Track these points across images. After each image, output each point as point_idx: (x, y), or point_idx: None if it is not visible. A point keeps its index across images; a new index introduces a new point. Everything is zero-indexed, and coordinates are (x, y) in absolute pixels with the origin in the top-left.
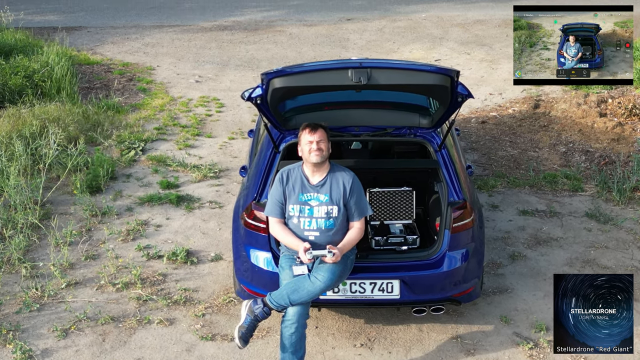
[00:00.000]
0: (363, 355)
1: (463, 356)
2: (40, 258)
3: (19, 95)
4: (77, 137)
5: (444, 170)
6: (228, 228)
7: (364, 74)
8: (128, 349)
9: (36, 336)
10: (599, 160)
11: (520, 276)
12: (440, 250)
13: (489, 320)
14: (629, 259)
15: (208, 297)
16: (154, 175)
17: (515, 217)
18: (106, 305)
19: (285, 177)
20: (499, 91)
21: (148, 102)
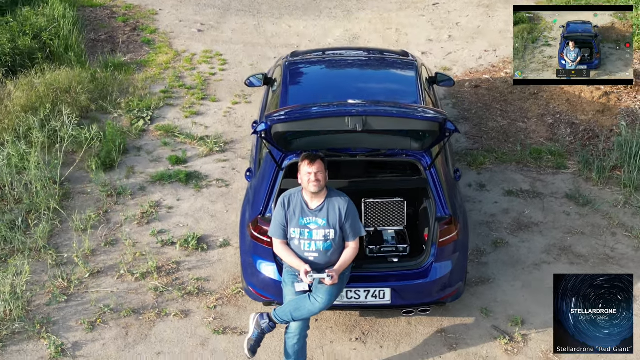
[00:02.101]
0: (358, 349)
1: (446, 350)
2: (63, 244)
3: (29, 59)
4: (88, 107)
5: (432, 188)
6: (235, 210)
7: (360, 121)
8: (149, 343)
9: (66, 329)
10: (584, 135)
11: (502, 265)
12: (427, 261)
13: (470, 313)
14: (602, 246)
15: (219, 287)
16: (163, 148)
17: (501, 198)
18: (127, 295)
19: (286, 202)
20: (493, 47)
21: (153, 58)
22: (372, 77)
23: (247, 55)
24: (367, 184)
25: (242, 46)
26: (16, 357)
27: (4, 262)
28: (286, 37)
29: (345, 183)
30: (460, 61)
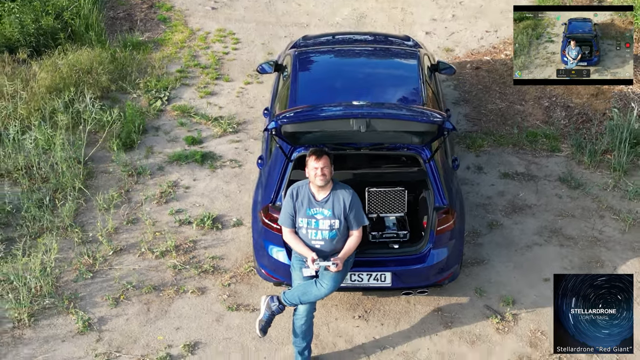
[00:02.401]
0: (360, 326)
1: (442, 328)
2: (88, 222)
3: (52, 39)
4: (108, 87)
5: (431, 179)
6: (247, 190)
7: (364, 123)
8: (169, 318)
9: (92, 304)
10: (577, 118)
11: (496, 246)
12: (426, 247)
13: (465, 292)
14: (590, 228)
15: (232, 265)
16: (179, 128)
17: (497, 180)
18: (147, 272)
19: (295, 194)
20: (495, 27)
21: (169, 36)
22: (376, 68)
23: (259, 35)
24: (370, 174)
25: (254, 25)
26: (47, 331)
27: (34, 239)
28: (296, 15)
29: (350, 174)
30: (462, 42)
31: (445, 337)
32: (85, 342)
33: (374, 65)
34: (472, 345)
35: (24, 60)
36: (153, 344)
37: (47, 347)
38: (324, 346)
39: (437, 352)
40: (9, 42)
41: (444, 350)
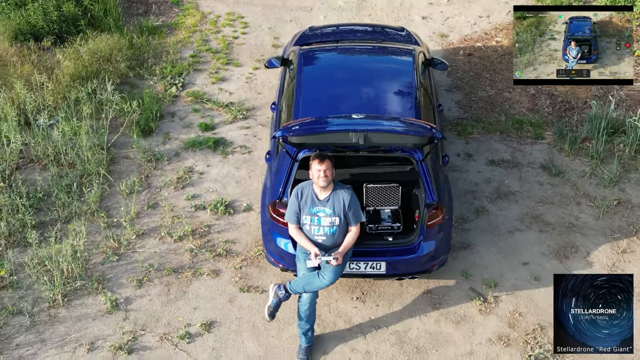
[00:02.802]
0: (358, 307)
1: (431, 309)
2: (112, 207)
3: (74, 25)
4: (127, 74)
5: (423, 178)
6: (256, 176)
7: (362, 136)
8: (187, 299)
9: (118, 285)
10: (561, 106)
11: (481, 231)
12: (417, 239)
13: (453, 275)
14: (568, 215)
15: (243, 249)
16: (193, 114)
17: (484, 167)
18: (167, 255)
19: (300, 193)
20: (487, 13)
21: (182, 20)
22: (375, 66)
23: (266, 19)
24: (368, 172)
25: (262, 8)
26: (79, 310)
27: (64, 223)
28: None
29: (349, 172)
30: (456, 27)
31: (433, 318)
32: (113, 320)
33: (373, 63)
34: (457, 325)
35: (48, 48)
36: (174, 323)
37: (80, 325)
38: (325, 326)
39: (426, 332)
40: (34, 30)
41: (432, 330)
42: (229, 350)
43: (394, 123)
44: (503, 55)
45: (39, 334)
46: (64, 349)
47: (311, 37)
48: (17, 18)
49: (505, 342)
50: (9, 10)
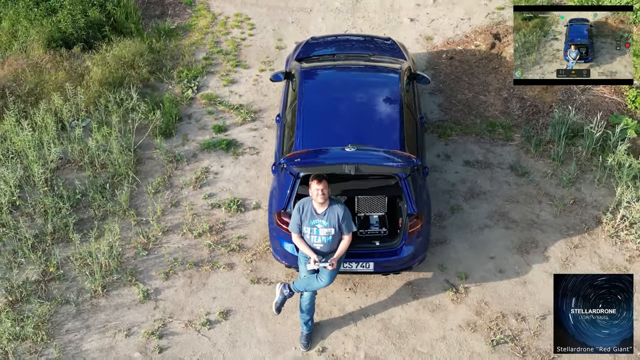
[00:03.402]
0: (350, 297)
1: (411, 299)
2: (140, 205)
3: (99, 31)
4: (148, 79)
5: (405, 193)
6: (264, 176)
7: (353, 168)
8: (207, 290)
9: (148, 278)
10: (529, 110)
11: (456, 228)
12: (400, 243)
13: (430, 268)
14: (530, 213)
15: (253, 244)
16: (207, 116)
17: (460, 168)
18: (189, 250)
19: (301, 208)
20: (468, 15)
21: (195, 22)
22: (366, 88)
23: (270, 20)
24: (359, 186)
25: (266, 9)
26: (116, 300)
27: (100, 221)
28: (301, 1)
29: (344, 185)
30: (440, 29)
31: (413, 307)
32: (145, 309)
33: (364, 85)
34: (432, 313)
35: (77, 55)
36: (196, 311)
37: (118, 314)
38: (323, 314)
39: (407, 319)
40: (64, 36)
41: (412, 317)
42: (242, 335)
43: (380, 156)
44: (481, 60)
45: (83, 321)
46: (106, 334)
47: (311, 50)
48: (48, 25)
49: (472, 328)
50: (41, 17)
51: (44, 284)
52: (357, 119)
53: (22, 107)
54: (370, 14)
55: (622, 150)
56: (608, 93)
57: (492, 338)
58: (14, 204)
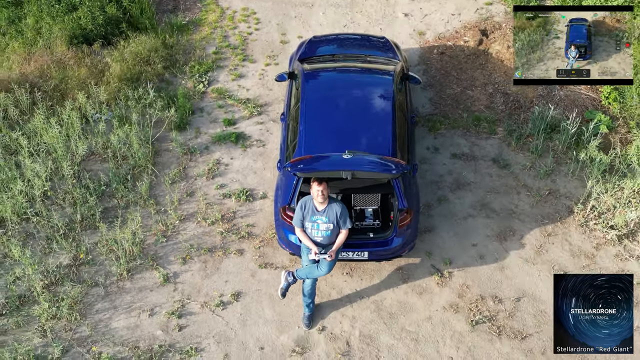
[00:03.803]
0: (347, 281)
1: (401, 282)
2: (159, 195)
3: (117, 27)
4: (163, 74)
5: (396, 192)
6: (269, 168)
7: (349, 174)
8: (220, 274)
9: (168, 262)
10: (512, 104)
11: (443, 217)
12: (391, 235)
13: (419, 254)
14: (509, 203)
15: (261, 231)
16: (218, 110)
17: (448, 160)
18: (203, 237)
19: (303, 205)
20: (459, 10)
21: (205, 16)
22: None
23: (274, 14)
24: (355, 184)
25: (271, 4)
26: (140, 283)
27: (124, 209)
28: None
29: (342, 184)
30: (432, 24)
31: (403, 290)
32: (165, 291)
33: (360, 84)
34: (420, 295)
35: (97, 52)
36: (211, 293)
37: (141, 295)
38: (322, 296)
39: (397, 301)
40: (84, 32)
41: (401, 299)
42: (252, 315)
43: (374, 162)
44: (469, 55)
45: (111, 302)
46: (131, 314)
47: (313, 49)
48: (70, 22)
49: (455, 309)
50: (63, 14)
51: (75, 268)
52: (353, 125)
53: (49, 105)
54: (367, 9)
55: (594, 145)
56: (585, 90)
57: (471, 318)
58: (46, 194)
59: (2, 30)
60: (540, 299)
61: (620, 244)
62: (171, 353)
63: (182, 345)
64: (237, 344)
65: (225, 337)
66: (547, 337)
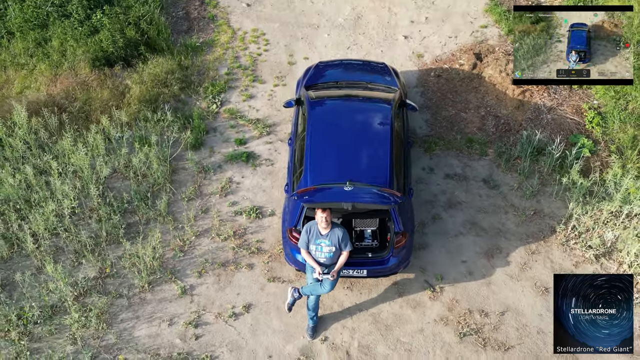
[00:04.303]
0: (348, 295)
1: (396, 296)
2: (176, 212)
3: (135, 49)
4: (179, 95)
5: (393, 217)
6: (277, 187)
7: (350, 205)
8: (232, 287)
9: (185, 276)
10: (502, 127)
11: (436, 235)
12: (387, 255)
13: (413, 270)
14: (497, 222)
15: (269, 247)
16: (230, 130)
17: (442, 180)
18: (217, 252)
19: (309, 230)
20: (455, 33)
21: (217, 37)
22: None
23: (282, 35)
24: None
25: (279, 25)
26: (160, 295)
27: (145, 225)
28: (309, 15)
29: (344, 210)
30: (430, 47)
31: (398, 303)
32: (183, 303)
33: (361, 114)
34: (414, 309)
35: (118, 74)
36: (224, 305)
37: (161, 307)
38: (325, 309)
39: (392, 314)
40: (106, 55)
41: (396, 312)
42: (261, 326)
43: (372, 195)
44: (463, 79)
45: (134, 312)
46: (152, 323)
47: (319, 76)
48: (92, 44)
49: (445, 322)
50: (85, 36)
51: (101, 280)
52: (354, 154)
53: (75, 128)
54: (369, 31)
55: (575, 170)
56: (570, 113)
57: (460, 331)
58: (74, 211)
59: (30, 52)
60: (523, 313)
61: (597, 262)
62: None
63: (198, 353)
64: (247, 353)
65: (237, 345)
66: (527, 349)
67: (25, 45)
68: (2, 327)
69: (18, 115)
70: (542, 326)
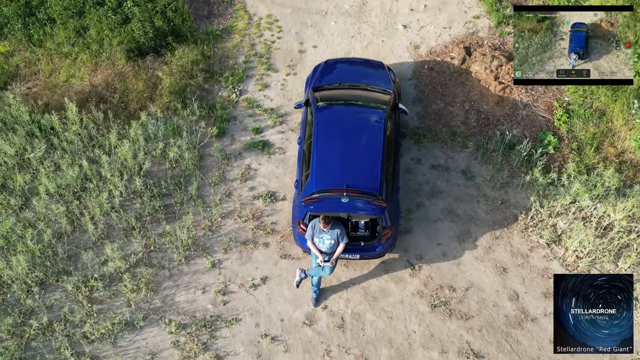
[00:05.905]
0: (344, 271)
1: (384, 273)
2: (204, 195)
3: (163, 39)
4: (203, 85)
5: (382, 217)
6: (289, 173)
7: (346, 215)
8: (251, 262)
9: (213, 252)
10: (483, 122)
11: (419, 221)
12: (376, 244)
13: (398, 251)
14: (470, 209)
15: (282, 228)
16: (248, 119)
17: (427, 171)
18: (239, 232)
19: (313, 226)
20: (449, 24)
21: (235, 23)
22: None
23: (294, 22)
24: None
25: (291, 11)
26: (194, 267)
27: (179, 206)
28: (318, 2)
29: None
30: (426, 38)
31: (384, 279)
32: (213, 275)
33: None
34: (396, 283)
35: (150, 66)
36: (245, 277)
37: (195, 277)
38: (326, 282)
39: (379, 287)
40: (138, 46)
41: (383, 286)
42: (275, 295)
43: (365, 204)
44: (453, 73)
45: (174, 282)
46: (189, 291)
47: (324, 78)
48: (125, 35)
49: (420, 295)
50: (118, 25)
51: (147, 254)
52: (351, 163)
53: (118, 122)
54: (372, 19)
55: (538, 168)
56: (542, 110)
57: (432, 303)
58: (120, 193)
59: (72, 40)
60: (483, 289)
61: (548, 248)
62: (218, 322)
63: (226, 316)
64: (264, 317)
65: (256, 310)
66: (484, 319)
67: (67, 34)
68: (72, 292)
69: (71, 112)
70: (497, 300)
